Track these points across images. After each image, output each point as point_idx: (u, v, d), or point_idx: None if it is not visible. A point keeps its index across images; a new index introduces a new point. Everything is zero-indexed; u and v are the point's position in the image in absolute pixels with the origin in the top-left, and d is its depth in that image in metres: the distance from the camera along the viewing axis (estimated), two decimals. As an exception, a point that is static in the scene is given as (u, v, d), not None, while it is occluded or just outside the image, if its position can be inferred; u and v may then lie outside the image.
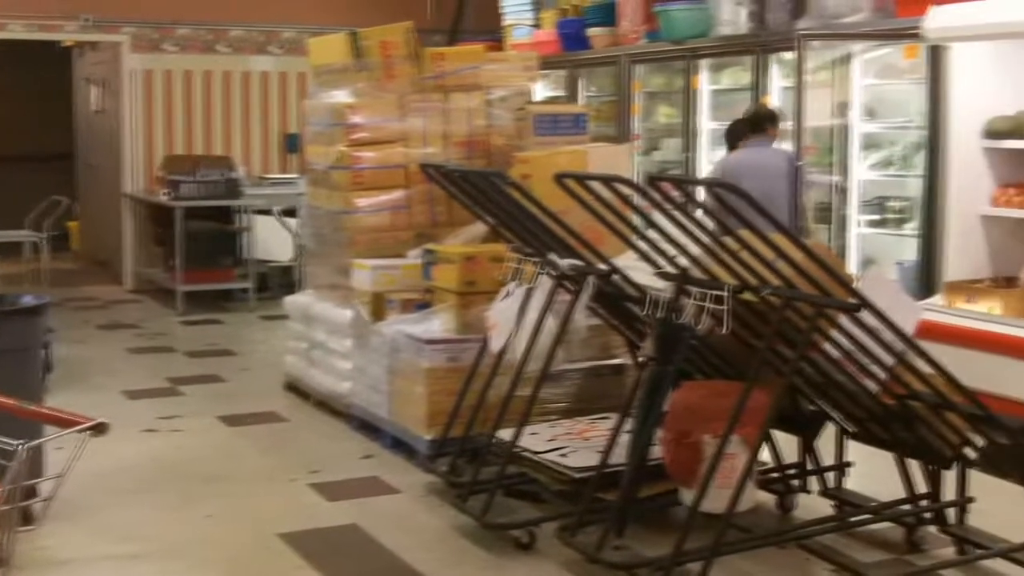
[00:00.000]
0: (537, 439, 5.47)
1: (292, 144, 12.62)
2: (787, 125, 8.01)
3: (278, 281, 11.65)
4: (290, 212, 10.98)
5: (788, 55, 8.28)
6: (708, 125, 9.56)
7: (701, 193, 6.36)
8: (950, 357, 5.95)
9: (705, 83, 9.57)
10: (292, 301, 7.95)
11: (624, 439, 4.89)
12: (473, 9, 13.17)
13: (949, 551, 5.01)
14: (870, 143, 8.21)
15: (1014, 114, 7.21)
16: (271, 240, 11.54)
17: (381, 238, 7.02)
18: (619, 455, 4.88)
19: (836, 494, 5.38)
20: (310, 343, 7.53)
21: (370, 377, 6.70)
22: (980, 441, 4.72)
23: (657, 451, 4.85)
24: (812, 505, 5.42)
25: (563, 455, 5.28)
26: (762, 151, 7.66)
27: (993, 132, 7.21)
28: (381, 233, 7.03)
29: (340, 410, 7.13)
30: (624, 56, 10.30)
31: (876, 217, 8.17)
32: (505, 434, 5.34)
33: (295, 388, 7.80)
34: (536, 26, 11.74)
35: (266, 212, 11.44)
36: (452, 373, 6.02)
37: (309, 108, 7.82)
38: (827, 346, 4.48)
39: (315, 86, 7.95)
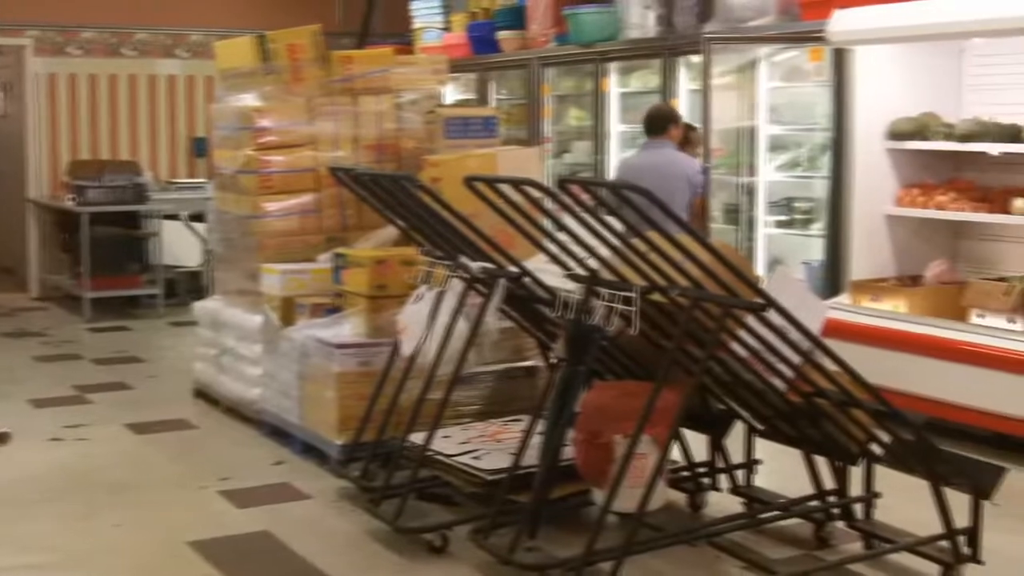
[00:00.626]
0: (449, 442, 5.46)
1: (200, 148, 12.46)
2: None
3: (186, 287, 11.51)
4: (198, 217, 10.86)
5: (695, 58, 8.37)
6: (618, 128, 9.62)
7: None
8: (856, 355, 6.04)
9: (614, 86, 9.63)
10: (201, 307, 7.86)
11: (536, 440, 4.90)
12: (382, 12, 13.12)
13: (857, 546, 5.08)
14: (777, 145, 8.32)
15: (917, 115, 7.35)
16: (179, 245, 11.40)
17: (290, 242, 6.97)
18: (531, 456, 4.89)
19: (745, 492, 5.43)
20: (219, 349, 7.45)
21: (280, 382, 6.64)
22: (886, 437, 4.79)
23: (569, 452, 4.86)
24: (722, 503, 5.48)
25: (476, 458, 5.27)
26: (661, 153, 7.54)
27: (896, 134, 7.35)
28: (290, 237, 6.97)
29: (250, 416, 7.06)
30: (534, 59, 10.33)
31: (783, 218, 8.28)
32: (417, 438, 5.32)
33: (204, 395, 7.71)
34: (446, 29, 11.74)
35: (174, 217, 11.30)
36: (363, 377, 5.99)
37: (216, 112, 7.74)
38: (735, 345, 4.52)
39: (222, 90, 7.86)
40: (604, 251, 4.66)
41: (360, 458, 5.74)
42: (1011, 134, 6.93)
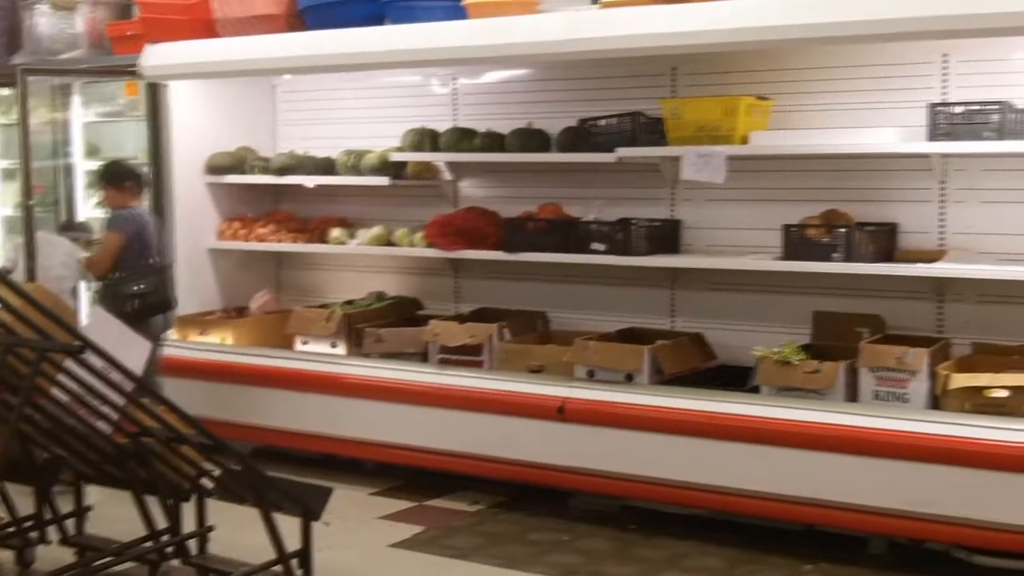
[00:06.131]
0: None
1: None
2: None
3: None
4: None
5: (5, 91, 7.97)
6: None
7: None
8: (188, 390, 6.10)
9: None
10: None
11: None
12: None
13: (193, 582, 5.07)
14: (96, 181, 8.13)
15: (234, 150, 7.50)
16: None
17: None
18: None
19: (77, 541, 5.23)
20: None
21: None
22: (216, 470, 4.81)
23: None
24: (53, 556, 5.23)
25: None
26: None
27: (215, 168, 7.44)
28: None
29: None
30: None
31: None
32: None
33: None
34: None
35: None
36: None
37: None
38: (55, 390, 4.34)
39: None
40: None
41: None
42: (324, 167, 7.26)
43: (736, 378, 5.88)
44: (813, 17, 5.07)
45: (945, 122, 5.36)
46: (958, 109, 5.36)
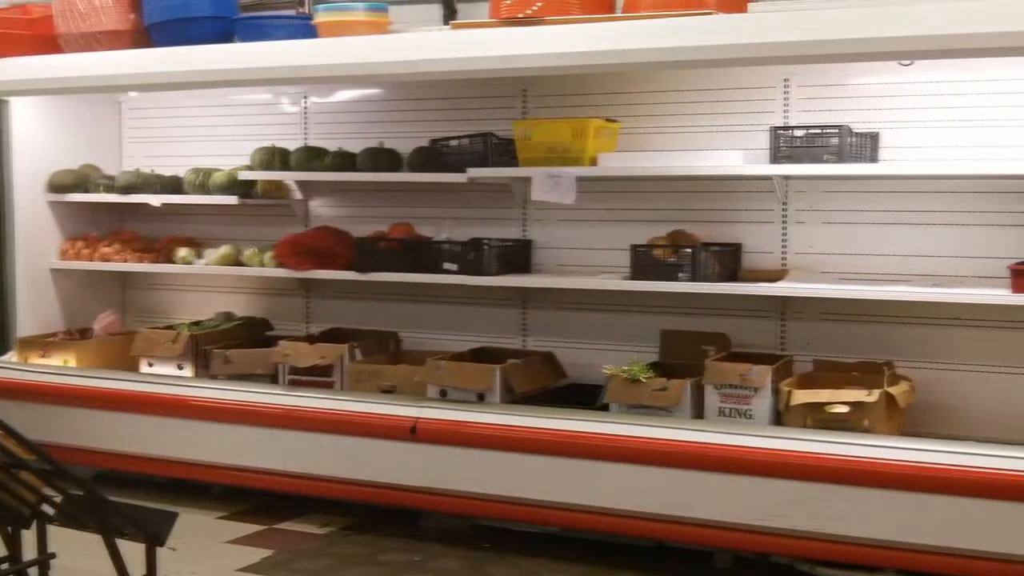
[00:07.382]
0: None
1: None
2: None
3: None
4: None
5: None
6: None
7: None
8: (29, 414, 5.94)
9: None
10: None
11: None
12: None
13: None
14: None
15: (78, 167, 7.34)
16: None
17: None
18: None
19: (-91, 572, 5.05)
20: None
21: None
22: (57, 496, 4.69)
23: None
24: None
25: None
26: None
27: (57, 186, 7.27)
28: None
29: None
30: None
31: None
32: None
33: None
34: None
35: None
36: None
37: None
38: None
39: None
40: None
41: None
42: (172, 185, 7.15)
43: (586, 396, 5.94)
44: (659, 42, 5.16)
45: (786, 145, 5.51)
46: (799, 132, 5.52)
